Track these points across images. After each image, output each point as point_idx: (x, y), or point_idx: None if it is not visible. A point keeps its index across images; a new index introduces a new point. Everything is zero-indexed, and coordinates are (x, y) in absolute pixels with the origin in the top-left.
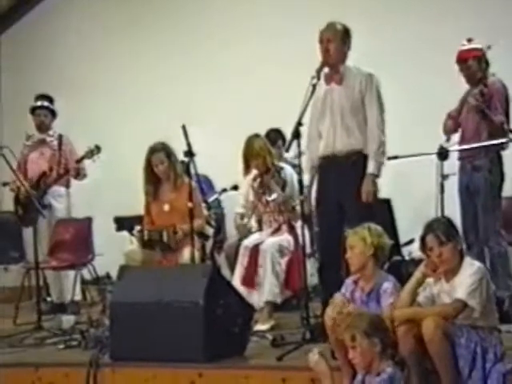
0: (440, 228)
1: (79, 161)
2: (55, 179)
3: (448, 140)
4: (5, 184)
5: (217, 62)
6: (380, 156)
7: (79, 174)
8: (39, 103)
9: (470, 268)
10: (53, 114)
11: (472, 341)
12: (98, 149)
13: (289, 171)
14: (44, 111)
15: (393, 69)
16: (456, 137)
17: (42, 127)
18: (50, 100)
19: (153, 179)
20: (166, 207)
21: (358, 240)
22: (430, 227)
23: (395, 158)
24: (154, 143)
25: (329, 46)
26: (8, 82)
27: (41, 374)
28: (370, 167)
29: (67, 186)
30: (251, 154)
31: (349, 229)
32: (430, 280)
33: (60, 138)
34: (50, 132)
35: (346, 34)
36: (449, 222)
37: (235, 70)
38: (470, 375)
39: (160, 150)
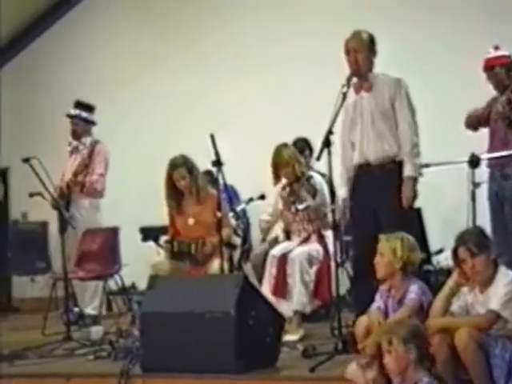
0: (472, 239)
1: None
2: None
3: (474, 131)
4: (32, 195)
5: (245, 72)
6: (415, 157)
7: (92, 192)
8: (72, 111)
9: (505, 278)
10: (87, 121)
11: (507, 351)
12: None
13: (318, 180)
14: (75, 119)
15: (421, 76)
16: (485, 145)
17: (74, 135)
18: (88, 108)
19: (175, 193)
20: (191, 221)
21: (389, 249)
22: (461, 239)
23: (427, 166)
24: (175, 157)
25: (357, 57)
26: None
27: None
28: (407, 170)
29: (95, 196)
30: (280, 163)
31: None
32: (464, 289)
33: (93, 146)
34: (83, 140)
35: (371, 43)
36: (481, 233)
37: (262, 80)
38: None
39: (181, 165)
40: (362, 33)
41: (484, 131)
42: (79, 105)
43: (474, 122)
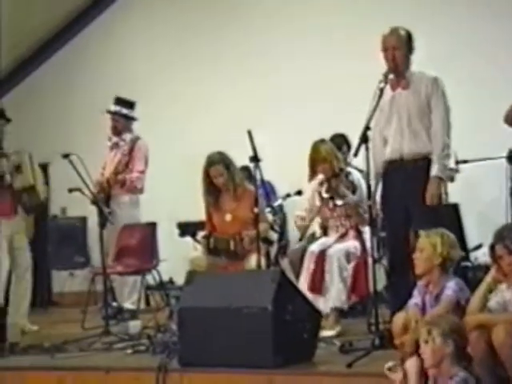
0: (509, 236)
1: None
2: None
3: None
4: (71, 190)
5: (281, 68)
6: (444, 158)
7: (132, 187)
8: (112, 107)
9: None
10: (127, 118)
11: None
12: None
13: (356, 176)
14: (114, 116)
15: (459, 71)
16: None
17: (115, 131)
18: (129, 104)
19: (212, 190)
20: (228, 217)
21: (429, 245)
22: (499, 235)
23: (465, 162)
24: (212, 154)
25: (395, 54)
26: None
27: (111, 377)
28: (434, 170)
29: (135, 192)
30: (318, 159)
31: (415, 233)
32: (501, 286)
33: (133, 142)
34: (123, 136)
35: (409, 40)
36: None
37: (299, 76)
38: None
39: (218, 162)
40: (400, 29)
41: None
42: (120, 101)
43: None
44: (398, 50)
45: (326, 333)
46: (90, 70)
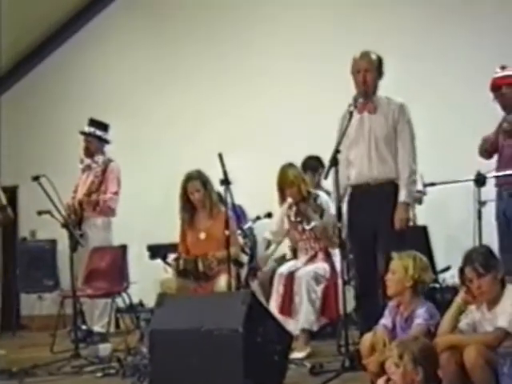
0: (478, 259)
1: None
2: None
3: (487, 159)
4: (40, 213)
5: (253, 91)
6: (411, 184)
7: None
8: (86, 128)
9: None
10: (101, 140)
11: None
12: None
13: (324, 198)
14: (88, 137)
15: (428, 97)
16: (492, 163)
17: (87, 152)
18: (102, 126)
19: (188, 207)
20: (202, 235)
21: (401, 267)
22: (468, 259)
23: (432, 184)
24: (190, 171)
25: (366, 76)
26: None
27: None
28: (402, 195)
29: (107, 214)
30: (286, 183)
31: (381, 256)
32: (471, 307)
33: (106, 164)
34: (96, 158)
35: (380, 64)
36: (488, 252)
37: (271, 99)
38: None
39: (196, 178)
40: (371, 53)
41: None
42: (94, 123)
43: (489, 149)
44: (370, 72)
45: (296, 354)
46: (61, 91)
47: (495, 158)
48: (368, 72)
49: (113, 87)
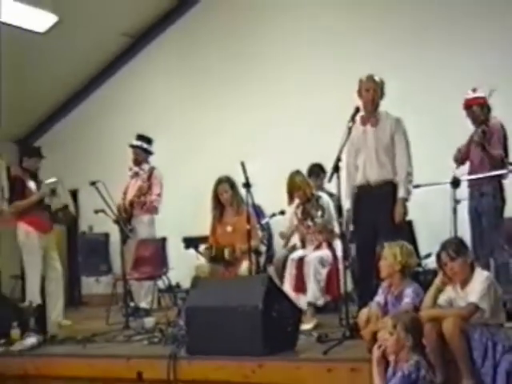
0: (451, 247)
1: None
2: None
3: (458, 167)
4: (97, 211)
5: (270, 112)
6: (408, 184)
7: (151, 208)
8: (134, 142)
9: (480, 276)
10: (146, 151)
11: (484, 336)
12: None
13: (325, 199)
14: (136, 149)
15: (418, 113)
16: (465, 168)
17: (135, 162)
18: (147, 140)
19: (219, 205)
20: (229, 228)
21: (390, 254)
22: (443, 246)
23: (418, 186)
24: (221, 176)
25: (374, 95)
26: None
27: (131, 364)
28: (401, 192)
29: (152, 212)
30: (293, 187)
31: (381, 245)
32: (448, 287)
33: (150, 171)
34: (142, 166)
35: (383, 86)
36: (459, 241)
37: (283, 118)
38: (483, 364)
39: (225, 181)
40: (376, 76)
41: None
42: (141, 137)
43: (461, 158)
44: (376, 92)
45: (305, 326)
46: (114, 113)
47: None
48: (375, 91)
49: (155, 109)
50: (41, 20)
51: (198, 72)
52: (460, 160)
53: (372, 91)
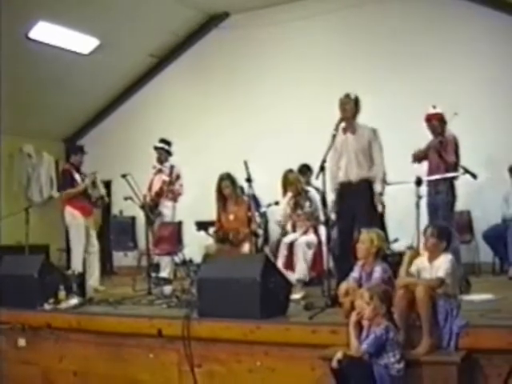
0: (438, 228)
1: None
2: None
3: (413, 163)
4: (126, 198)
5: (268, 118)
6: (383, 180)
7: (176, 195)
8: (157, 144)
9: (447, 258)
10: (167, 152)
11: (447, 303)
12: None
13: (313, 193)
14: (159, 150)
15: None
16: (425, 170)
17: (159, 161)
18: (168, 143)
19: (222, 198)
20: (231, 217)
21: (368, 239)
22: (434, 224)
23: (388, 184)
24: (222, 173)
25: (346, 107)
26: None
27: (153, 322)
28: (378, 188)
29: (175, 200)
30: (287, 183)
31: (358, 231)
32: (416, 260)
33: (171, 168)
34: (165, 164)
35: (356, 100)
36: (446, 228)
37: (280, 123)
38: (445, 326)
39: (226, 178)
40: (351, 94)
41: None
42: (163, 140)
43: (418, 157)
44: (351, 106)
45: (294, 296)
46: (141, 120)
47: (426, 167)
48: (350, 105)
49: (174, 117)
50: (85, 43)
51: (208, 87)
52: (418, 158)
53: (348, 106)
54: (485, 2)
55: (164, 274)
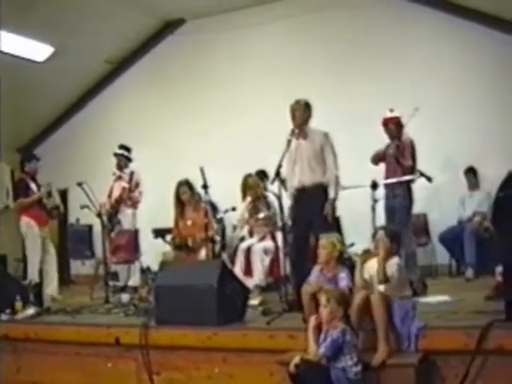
0: (390, 230)
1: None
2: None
3: (373, 164)
4: (82, 207)
5: (226, 126)
6: (336, 186)
7: (135, 203)
8: (117, 151)
9: (393, 260)
10: (127, 158)
11: (401, 306)
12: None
13: (271, 198)
14: (118, 157)
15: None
16: (381, 173)
17: (119, 167)
18: (127, 149)
19: (179, 204)
20: (189, 222)
21: (329, 244)
22: (385, 227)
23: (344, 188)
24: (181, 179)
25: (301, 116)
26: None
27: (111, 331)
28: (331, 193)
29: (134, 207)
30: (247, 187)
31: (314, 236)
32: (367, 264)
33: (131, 175)
34: (124, 170)
35: (307, 106)
36: (397, 232)
37: (238, 131)
38: (402, 328)
39: (184, 184)
40: (302, 100)
41: (382, 166)
42: (122, 147)
43: (377, 160)
44: (300, 112)
45: (252, 302)
46: (98, 127)
47: (383, 171)
48: (298, 111)
49: (132, 124)
50: (40, 51)
51: (166, 93)
52: (376, 160)
53: (297, 112)
54: (438, 6)
55: (132, 281)
